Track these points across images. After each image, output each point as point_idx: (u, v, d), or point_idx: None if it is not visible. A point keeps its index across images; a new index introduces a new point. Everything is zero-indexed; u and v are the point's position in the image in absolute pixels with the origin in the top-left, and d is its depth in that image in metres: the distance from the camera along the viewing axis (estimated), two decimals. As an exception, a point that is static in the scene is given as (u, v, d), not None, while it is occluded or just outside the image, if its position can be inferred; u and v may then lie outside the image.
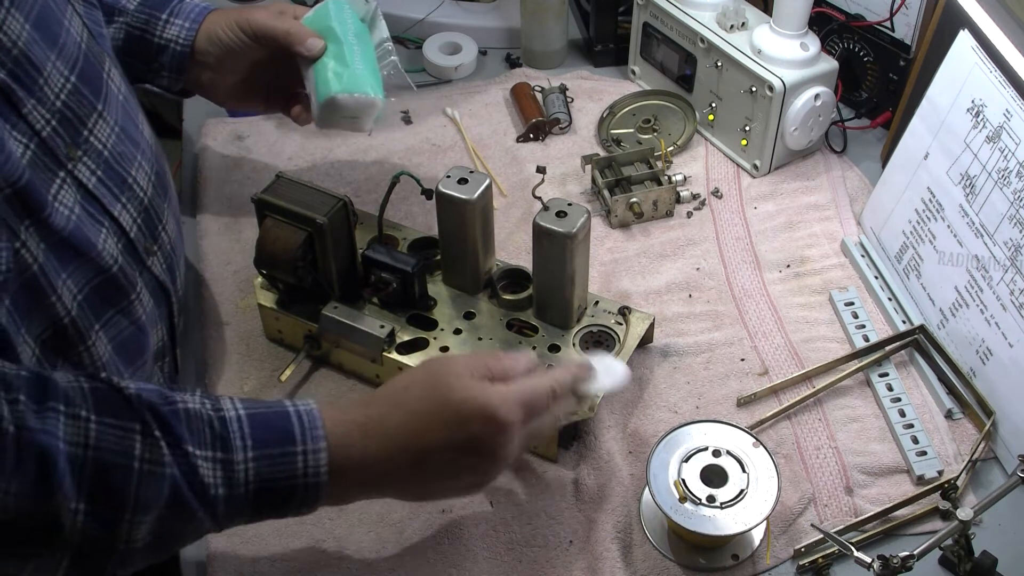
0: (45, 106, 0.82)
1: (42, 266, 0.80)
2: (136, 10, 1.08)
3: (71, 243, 0.82)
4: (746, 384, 1.03)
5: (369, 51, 1.06)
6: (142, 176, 0.94)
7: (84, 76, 0.88)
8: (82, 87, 0.87)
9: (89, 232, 0.84)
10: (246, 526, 0.91)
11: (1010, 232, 0.96)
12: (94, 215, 0.86)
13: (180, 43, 1.08)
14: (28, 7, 0.82)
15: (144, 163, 0.95)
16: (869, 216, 1.18)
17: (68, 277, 0.82)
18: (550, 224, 0.95)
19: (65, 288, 0.82)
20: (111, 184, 0.88)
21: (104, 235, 0.86)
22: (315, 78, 1.04)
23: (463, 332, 1.01)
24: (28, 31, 0.81)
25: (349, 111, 1.03)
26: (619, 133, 1.31)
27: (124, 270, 0.88)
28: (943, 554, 0.88)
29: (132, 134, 0.94)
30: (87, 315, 0.84)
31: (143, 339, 0.91)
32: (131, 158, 0.92)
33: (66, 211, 0.82)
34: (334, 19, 1.05)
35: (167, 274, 0.95)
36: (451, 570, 0.90)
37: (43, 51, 0.83)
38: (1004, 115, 0.98)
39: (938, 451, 0.96)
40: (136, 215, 0.91)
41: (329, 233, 0.97)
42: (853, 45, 1.30)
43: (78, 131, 0.86)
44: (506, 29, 1.45)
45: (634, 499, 0.93)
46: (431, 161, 1.28)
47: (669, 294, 1.12)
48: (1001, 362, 0.97)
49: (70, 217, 0.82)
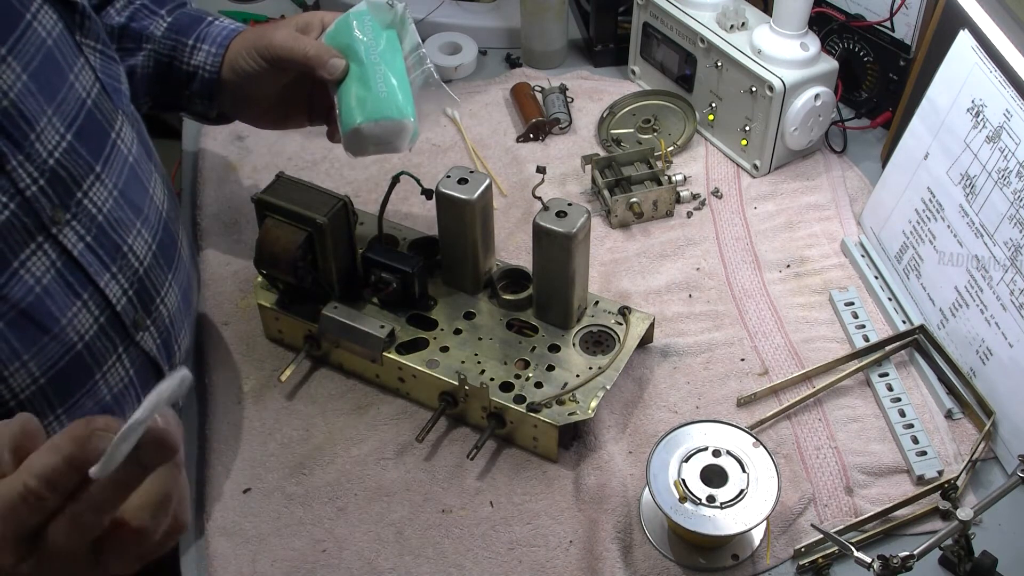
0: (34, 163, 0.77)
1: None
2: (163, 36, 1.03)
3: (31, 316, 0.76)
4: (746, 384, 1.03)
5: (397, 65, 0.97)
6: (140, 244, 0.88)
7: (83, 134, 0.83)
8: (79, 146, 0.82)
9: (54, 305, 0.79)
10: (246, 526, 0.91)
11: (1010, 232, 0.96)
12: (72, 285, 0.81)
13: (208, 70, 1.02)
14: (29, 57, 0.78)
15: (144, 231, 0.89)
16: (869, 216, 1.18)
17: (30, 359, 0.77)
18: (550, 224, 0.95)
19: (23, 371, 0.77)
20: (102, 252, 0.83)
21: (76, 309, 0.81)
22: (339, 104, 0.96)
23: (463, 332, 1.01)
24: (24, 82, 0.77)
25: (376, 139, 0.95)
26: (619, 133, 1.31)
27: (91, 347, 0.82)
28: (943, 554, 0.88)
29: (135, 199, 0.89)
30: (45, 400, 0.79)
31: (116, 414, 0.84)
32: (129, 225, 0.87)
33: (32, 281, 0.77)
34: (355, 34, 0.97)
35: (160, 350, 0.91)
36: (451, 570, 0.90)
37: (39, 105, 0.78)
38: (1004, 115, 0.98)
39: (938, 451, 0.96)
40: (128, 286, 0.86)
41: (329, 233, 0.97)
42: (853, 45, 1.30)
43: (70, 192, 0.81)
44: (506, 29, 1.45)
45: (634, 499, 0.93)
46: (431, 161, 1.28)
47: (669, 294, 1.12)
48: (1001, 362, 0.97)
49: (34, 288, 0.77)
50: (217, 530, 0.92)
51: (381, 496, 0.95)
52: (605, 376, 0.97)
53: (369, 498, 0.94)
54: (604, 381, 0.97)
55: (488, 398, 0.95)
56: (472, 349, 1.00)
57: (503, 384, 0.97)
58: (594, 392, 0.96)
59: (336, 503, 0.94)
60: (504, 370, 0.98)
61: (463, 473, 0.96)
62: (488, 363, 0.98)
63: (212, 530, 0.92)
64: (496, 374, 0.97)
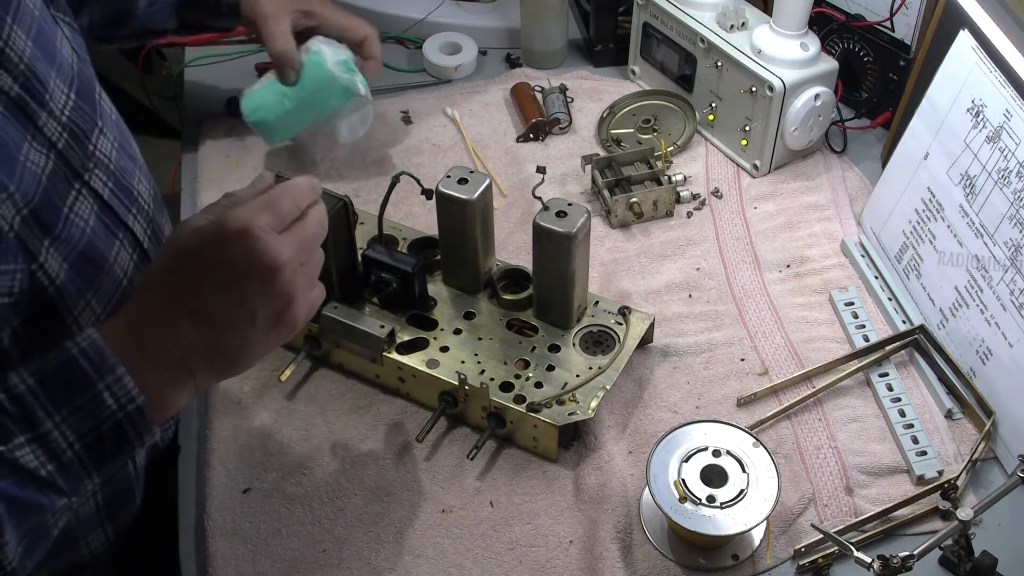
0: (55, 120, 0.83)
1: (60, 288, 0.79)
2: None
3: (88, 256, 0.82)
4: (746, 384, 1.03)
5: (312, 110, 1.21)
6: (144, 190, 0.95)
7: (81, 93, 0.89)
8: (81, 103, 0.88)
9: (101, 244, 0.85)
10: (246, 526, 0.91)
11: (1010, 232, 0.96)
12: (110, 227, 0.87)
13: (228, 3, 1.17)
14: (28, 24, 0.83)
15: (143, 178, 0.96)
16: (869, 216, 1.18)
17: (93, 296, 0.82)
18: (550, 224, 0.95)
19: (88, 309, 0.82)
20: (122, 195, 0.90)
21: (117, 247, 0.87)
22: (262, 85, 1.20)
23: (463, 332, 1.01)
24: (31, 48, 0.82)
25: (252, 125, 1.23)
26: (619, 133, 1.31)
27: (132, 283, 0.88)
28: (943, 554, 0.88)
29: (129, 151, 0.96)
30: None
31: None
32: (132, 172, 0.94)
33: (81, 223, 0.83)
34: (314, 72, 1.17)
35: None
36: (451, 570, 0.90)
37: (45, 67, 0.84)
38: (1004, 115, 0.98)
39: (938, 451, 0.96)
40: (146, 226, 0.92)
41: (329, 233, 0.97)
42: (853, 45, 1.30)
43: (84, 146, 0.87)
44: (506, 29, 1.45)
45: (634, 499, 0.93)
46: (431, 161, 1.28)
47: (669, 294, 1.12)
48: (1001, 362, 0.97)
49: (84, 230, 0.83)
50: (217, 530, 0.92)
51: (381, 496, 0.94)
52: (605, 376, 0.97)
53: (369, 498, 0.94)
54: (604, 381, 0.97)
55: (488, 398, 0.95)
56: (472, 349, 1.00)
57: (503, 384, 0.97)
58: (594, 392, 0.96)
59: (336, 503, 0.94)
60: (504, 370, 0.98)
61: (463, 473, 0.96)
62: (488, 363, 0.98)
63: (212, 530, 0.92)
64: (496, 374, 0.97)
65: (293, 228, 0.74)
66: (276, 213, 0.73)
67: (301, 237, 0.74)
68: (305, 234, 0.75)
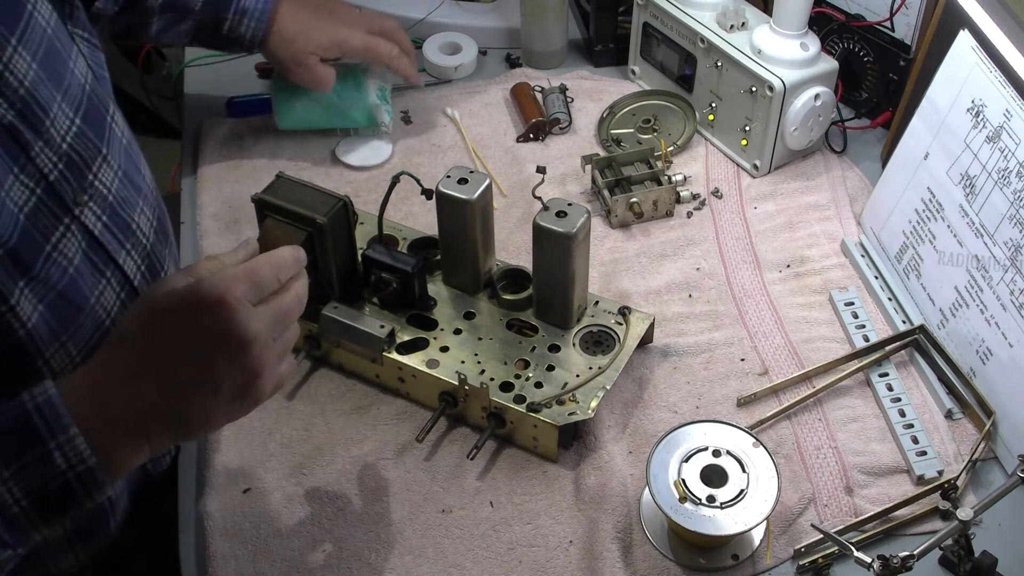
0: (52, 148, 0.80)
1: (31, 331, 0.77)
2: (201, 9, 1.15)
3: (67, 297, 0.79)
4: (746, 384, 1.03)
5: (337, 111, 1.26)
6: (145, 222, 0.92)
7: (88, 119, 0.86)
8: (87, 130, 0.85)
9: (85, 284, 0.82)
10: (245, 526, 0.91)
11: (1010, 232, 0.96)
12: (97, 264, 0.84)
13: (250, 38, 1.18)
14: (35, 46, 0.80)
15: (146, 209, 0.93)
16: (869, 216, 1.18)
17: (69, 339, 0.80)
18: (550, 224, 0.95)
19: (62, 351, 0.79)
20: (116, 230, 0.87)
21: (102, 287, 0.84)
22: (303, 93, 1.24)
23: (463, 332, 1.01)
24: (35, 70, 0.79)
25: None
26: (619, 133, 1.31)
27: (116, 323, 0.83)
28: (943, 554, 0.88)
29: (134, 179, 0.93)
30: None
31: None
32: (134, 203, 0.91)
33: (64, 262, 0.80)
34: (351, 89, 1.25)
35: None
36: (451, 570, 0.90)
37: (49, 91, 0.81)
38: (1004, 115, 0.98)
39: (938, 451, 0.96)
40: (140, 262, 0.90)
41: (329, 233, 0.97)
42: (853, 45, 1.30)
43: (83, 175, 0.84)
44: (506, 29, 1.45)
45: (634, 499, 0.93)
46: (431, 161, 1.28)
47: (669, 294, 1.12)
48: (1001, 362, 0.97)
49: (67, 270, 0.80)
50: (217, 530, 0.92)
51: (381, 496, 0.95)
52: (605, 376, 0.97)
53: (369, 498, 0.94)
54: (604, 381, 0.97)
55: (488, 398, 0.95)
56: (472, 349, 1.00)
57: (503, 384, 0.97)
58: (594, 392, 0.96)
59: (336, 503, 0.94)
60: (504, 370, 0.98)
61: (463, 473, 0.96)
62: (488, 363, 0.98)
63: (212, 530, 0.92)
64: (496, 374, 0.97)
65: (270, 301, 0.73)
66: (255, 284, 0.72)
67: (277, 311, 0.73)
68: (281, 308, 0.74)
